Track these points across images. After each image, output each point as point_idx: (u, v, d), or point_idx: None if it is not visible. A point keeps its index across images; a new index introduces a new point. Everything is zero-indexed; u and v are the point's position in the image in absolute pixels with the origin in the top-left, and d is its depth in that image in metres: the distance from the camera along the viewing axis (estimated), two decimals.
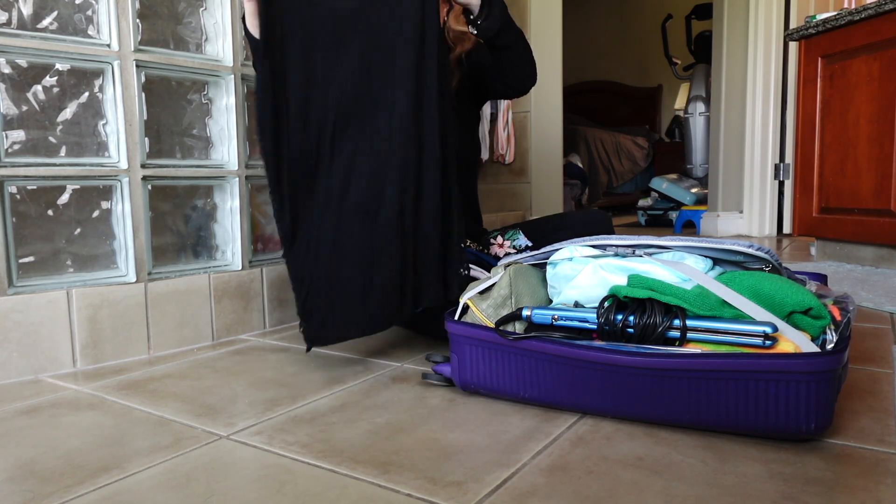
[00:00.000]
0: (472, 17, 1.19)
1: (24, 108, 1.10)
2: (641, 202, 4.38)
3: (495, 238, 1.52)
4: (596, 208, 4.79)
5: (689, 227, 3.65)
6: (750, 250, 0.84)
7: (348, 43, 1.05)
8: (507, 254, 1.47)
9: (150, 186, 1.25)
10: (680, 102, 4.98)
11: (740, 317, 0.78)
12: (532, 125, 3.00)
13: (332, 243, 1.06)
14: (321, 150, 1.08)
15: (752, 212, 3.22)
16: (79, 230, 1.17)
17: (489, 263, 1.35)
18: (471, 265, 1.26)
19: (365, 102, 1.06)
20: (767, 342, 0.74)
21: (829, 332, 0.78)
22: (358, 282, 1.05)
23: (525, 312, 0.89)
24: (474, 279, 1.08)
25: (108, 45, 1.18)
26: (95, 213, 1.20)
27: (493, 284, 0.96)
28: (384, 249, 1.04)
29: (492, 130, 2.69)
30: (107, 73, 1.19)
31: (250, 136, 1.42)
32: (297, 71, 1.06)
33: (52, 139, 1.13)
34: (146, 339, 1.23)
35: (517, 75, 1.33)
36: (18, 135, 1.09)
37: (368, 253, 1.05)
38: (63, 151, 1.15)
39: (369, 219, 1.05)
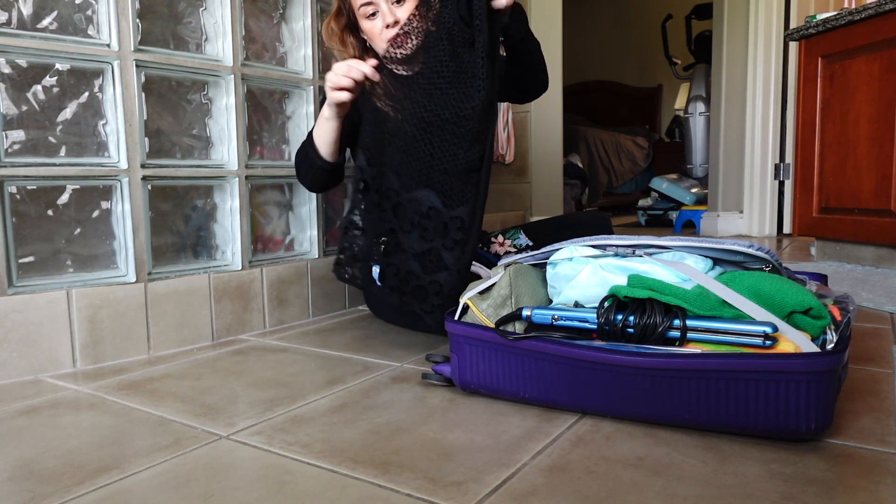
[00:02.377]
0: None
1: (24, 108, 1.10)
2: (641, 202, 4.38)
3: (496, 237, 1.52)
4: (596, 209, 4.79)
5: (689, 227, 3.65)
6: (750, 250, 0.84)
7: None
8: (508, 252, 1.47)
9: (149, 186, 1.25)
10: (680, 102, 4.97)
11: (740, 317, 0.78)
12: (532, 125, 3.00)
13: None
14: None
15: (752, 212, 3.22)
16: (79, 230, 1.17)
17: (490, 261, 1.36)
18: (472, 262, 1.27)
19: None
20: (767, 342, 0.74)
21: (829, 332, 0.78)
22: None
23: (525, 312, 0.89)
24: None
25: (108, 45, 1.18)
26: (95, 213, 1.19)
27: (493, 284, 0.96)
28: None
29: None
30: (107, 73, 1.19)
31: (250, 136, 1.42)
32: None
33: (52, 139, 1.13)
34: (146, 339, 1.23)
35: (536, 81, 1.33)
36: (18, 135, 1.09)
37: None
38: (63, 151, 1.15)
39: None
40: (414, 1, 1.22)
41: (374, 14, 1.22)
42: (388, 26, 1.21)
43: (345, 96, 1.11)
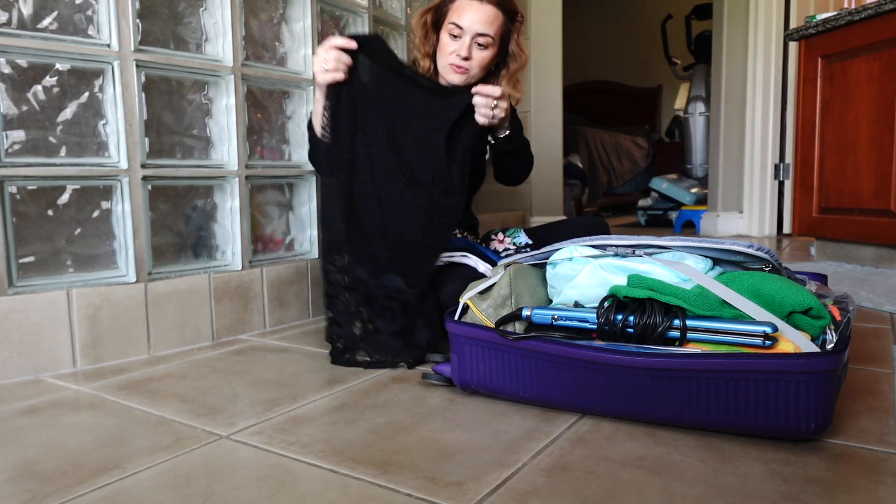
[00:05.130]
0: (496, 134, 1.30)
1: (24, 108, 1.10)
2: (641, 202, 4.38)
3: (496, 234, 1.52)
4: (593, 214, 4.79)
5: (689, 227, 3.65)
6: (750, 250, 0.84)
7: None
8: (507, 249, 1.47)
9: (150, 186, 1.25)
10: (680, 102, 4.97)
11: (740, 317, 0.78)
12: (532, 125, 3.00)
13: None
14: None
15: (752, 212, 3.22)
16: (79, 230, 1.17)
17: (491, 259, 1.36)
18: (467, 254, 1.29)
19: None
20: (767, 342, 0.74)
21: (829, 332, 0.78)
22: None
23: (525, 312, 0.89)
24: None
25: (108, 45, 1.18)
26: (95, 213, 1.19)
27: (493, 284, 0.96)
28: None
29: None
30: (107, 73, 1.19)
31: (250, 136, 1.43)
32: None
33: (52, 139, 1.13)
34: (146, 339, 1.23)
35: (509, 176, 1.46)
36: (18, 135, 1.09)
37: None
38: (63, 151, 1.15)
39: None
40: (491, 55, 1.33)
41: (456, 37, 1.31)
42: (457, 54, 1.30)
43: (331, 77, 1.17)
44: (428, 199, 1.17)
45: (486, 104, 1.18)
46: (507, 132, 1.29)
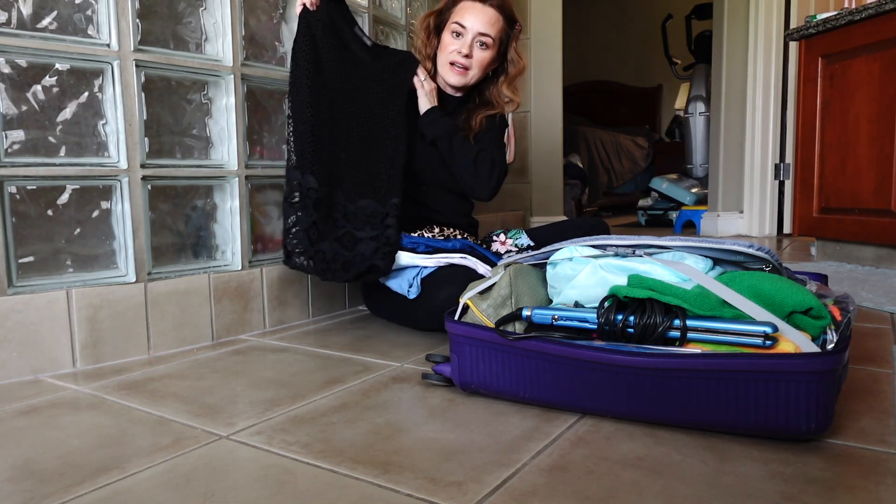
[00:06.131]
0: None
1: (24, 108, 1.10)
2: (641, 202, 4.38)
3: (497, 235, 1.52)
4: (592, 214, 4.79)
5: (689, 227, 3.65)
6: (750, 250, 0.84)
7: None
8: (509, 251, 1.47)
9: (149, 186, 1.25)
10: (680, 102, 4.97)
11: (740, 317, 0.78)
12: (532, 125, 3.00)
13: None
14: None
15: (752, 212, 3.22)
16: (79, 230, 1.17)
17: (491, 260, 1.36)
18: (466, 256, 1.30)
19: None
20: (768, 342, 0.74)
21: (829, 332, 0.78)
22: None
23: (525, 312, 0.89)
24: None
25: (108, 45, 1.18)
26: (95, 213, 1.19)
27: (493, 284, 0.96)
28: None
29: None
30: (106, 72, 1.19)
31: (250, 136, 1.42)
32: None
33: (51, 139, 1.13)
34: (146, 339, 1.23)
35: (460, 181, 1.44)
36: (18, 135, 1.09)
37: None
38: (63, 151, 1.15)
39: None
40: (490, 56, 1.41)
41: (459, 35, 1.39)
42: (458, 52, 1.39)
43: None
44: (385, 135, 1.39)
45: (418, 78, 1.41)
46: (423, 113, 1.41)
